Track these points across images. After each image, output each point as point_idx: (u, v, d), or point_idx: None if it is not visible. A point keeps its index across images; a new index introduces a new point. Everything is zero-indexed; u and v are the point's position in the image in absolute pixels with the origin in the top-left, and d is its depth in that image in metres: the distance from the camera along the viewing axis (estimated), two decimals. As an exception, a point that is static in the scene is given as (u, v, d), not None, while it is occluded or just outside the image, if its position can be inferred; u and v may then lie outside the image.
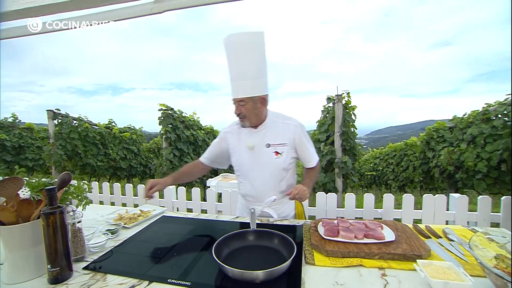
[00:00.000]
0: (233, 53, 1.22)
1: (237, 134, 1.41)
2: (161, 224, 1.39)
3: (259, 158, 1.36)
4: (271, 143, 1.34)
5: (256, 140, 1.35)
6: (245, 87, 1.23)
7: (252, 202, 1.47)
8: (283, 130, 1.36)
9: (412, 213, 2.08)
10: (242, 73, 1.22)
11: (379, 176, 7.85)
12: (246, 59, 1.21)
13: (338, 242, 1.02)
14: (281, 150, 1.35)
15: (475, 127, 3.41)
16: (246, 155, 1.38)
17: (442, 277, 0.75)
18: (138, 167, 6.54)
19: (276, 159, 1.34)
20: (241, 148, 1.39)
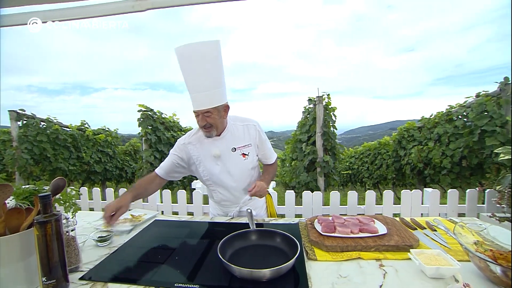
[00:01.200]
0: (190, 65, 1.17)
1: (199, 144, 1.36)
2: (156, 229, 1.35)
3: (228, 164, 1.36)
4: (236, 146, 1.36)
5: (221, 147, 1.35)
6: (208, 98, 1.19)
7: (228, 205, 1.49)
8: (244, 132, 1.39)
9: (392, 208, 2.22)
10: (203, 84, 1.17)
11: (354, 174, 8.21)
12: (205, 70, 1.16)
13: (336, 237, 1.07)
14: (247, 151, 1.39)
15: (440, 127, 3.72)
16: (214, 163, 1.36)
17: (434, 263, 0.82)
18: (114, 170, 6.21)
19: (245, 160, 1.38)
20: (207, 158, 1.36)
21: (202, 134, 1.35)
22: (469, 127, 3.31)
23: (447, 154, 3.57)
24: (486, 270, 0.79)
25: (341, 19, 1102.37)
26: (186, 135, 1.43)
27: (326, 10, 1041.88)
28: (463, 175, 3.55)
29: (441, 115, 3.87)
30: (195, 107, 1.23)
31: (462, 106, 3.54)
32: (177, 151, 1.40)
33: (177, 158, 1.38)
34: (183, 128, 5.76)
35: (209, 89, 1.18)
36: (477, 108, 3.18)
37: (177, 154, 1.39)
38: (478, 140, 3.12)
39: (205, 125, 1.25)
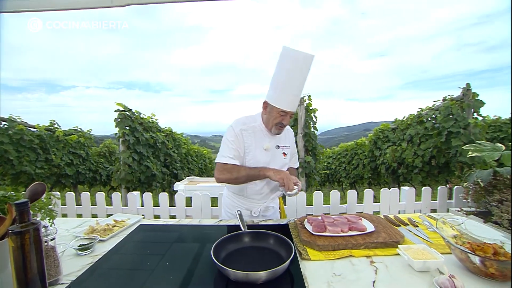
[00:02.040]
0: (292, 67, 1.26)
1: (253, 133, 1.42)
2: (142, 234, 1.28)
3: (272, 158, 1.45)
4: (280, 145, 1.48)
5: (271, 142, 1.44)
6: (296, 102, 1.33)
7: (257, 200, 1.51)
8: (286, 135, 1.53)
9: (372, 206, 2.31)
10: (297, 88, 1.30)
11: (332, 174, 8.48)
12: (300, 77, 1.28)
13: (327, 236, 1.09)
14: (287, 152, 1.51)
15: (412, 128, 3.96)
16: (262, 155, 1.42)
17: (421, 258, 0.87)
18: (87, 173, 5.85)
19: (284, 159, 1.49)
20: (257, 148, 1.41)
21: (256, 126, 1.42)
22: (437, 129, 3.56)
23: (418, 154, 3.81)
24: (466, 261, 0.84)
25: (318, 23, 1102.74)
26: (240, 122, 1.43)
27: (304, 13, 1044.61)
28: (432, 173, 3.80)
29: (412, 117, 4.12)
30: (288, 108, 1.32)
31: (431, 109, 3.79)
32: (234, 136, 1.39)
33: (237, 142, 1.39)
34: (163, 129, 5.59)
35: (298, 94, 1.32)
36: (444, 111, 3.43)
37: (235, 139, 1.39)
38: (445, 141, 3.37)
39: (285, 125, 1.38)
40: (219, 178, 1.37)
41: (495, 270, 0.78)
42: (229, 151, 1.38)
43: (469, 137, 3.14)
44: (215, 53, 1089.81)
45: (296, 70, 1.27)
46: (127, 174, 3.98)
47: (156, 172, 4.75)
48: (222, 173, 1.36)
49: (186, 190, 2.96)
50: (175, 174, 5.80)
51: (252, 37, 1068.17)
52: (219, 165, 1.38)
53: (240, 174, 1.34)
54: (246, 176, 1.35)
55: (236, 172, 1.34)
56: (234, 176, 1.34)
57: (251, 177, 1.35)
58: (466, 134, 3.15)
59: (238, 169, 1.35)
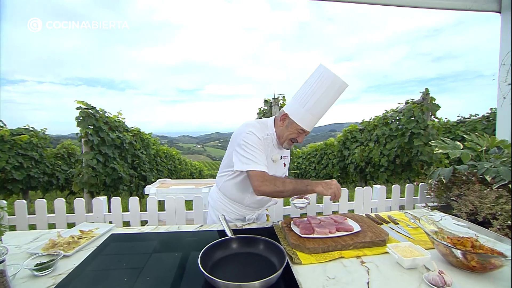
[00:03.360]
0: (325, 90, 1.21)
1: (266, 143, 1.36)
2: (114, 245, 1.15)
3: (276, 168, 1.42)
4: (283, 155, 1.46)
5: (277, 154, 1.41)
6: (315, 123, 1.29)
7: (253, 208, 1.47)
8: None
9: (347, 205, 2.38)
10: (321, 111, 1.26)
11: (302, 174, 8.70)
12: (328, 101, 1.24)
13: (316, 238, 1.07)
14: (287, 162, 1.50)
15: (379, 129, 4.20)
16: (270, 166, 1.35)
17: (410, 255, 0.89)
18: (41, 177, 5.22)
19: (284, 169, 1.49)
20: (268, 158, 1.35)
21: (270, 135, 1.35)
22: (401, 130, 3.82)
23: (384, 153, 4.05)
24: (449, 256, 0.88)
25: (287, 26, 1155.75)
26: (259, 129, 1.32)
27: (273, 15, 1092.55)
28: (396, 171, 4.08)
29: (379, 119, 4.38)
30: (309, 128, 1.29)
31: (395, 111, 4.07)
32: (257, 144, 1.28)
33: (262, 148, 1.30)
34: (130, 129, 5.22)
35: (320, 117, 1.28)
36: (407, 113, 3.70)
37: (260, 145, 1.29)
38: (408, 141, 3.63)
39: (299, 142, 1.36)
40: (262, 190, 1.19)
41: (476, 263, 0.82)
42: (262, 158, 1.25)
43: (428, 138, 3.42)
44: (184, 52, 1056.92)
45: (329, 94, 1.22)
46: (90, 177, 3.62)
47: (123, 175, 4.42)
48: (265, 184, 1.18)
49: (158, 194, 2.77)
50: (144, 176, 5.46)
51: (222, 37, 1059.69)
52: (260, 174, 1.20)
53: (286, 187, 1.19)
54: (292, 190, 1.20)
55: (282, 185, 1.19)
56: (280, 189, 1.18)
57: (297, 191, 1.23)
58: (426, 134, 3.43)
59: (283, 182, 1.21)
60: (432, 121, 3.59)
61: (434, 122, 3.61)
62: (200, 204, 2.32)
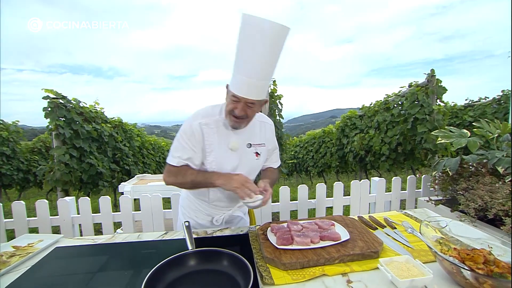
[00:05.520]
0: (254, 42, 0.97)
1: (216, 128, 1.18)
2: (54, 262, 1.00)
3: (241, 160, 1.22)
4: (252, 143, 1.25)
5: (239, 140, 1.21)
6: (260, 88, 1.05)
7: (220, 208, 1.31)
8: (261, 130, 1.29)
9: (342, 200, 2.25)
10: (261, 71, 1.01)
11: (299, 163, 8.59)
12: (267, 57, 1.00)
13: (294, 250, 0.92)
14: (260, 151, 1.27)
15: (379, 115, 4.04)
16: (227, 156, 1.19)
17: (406, 274, 0.75)
18: (15, 174, 5.06)
19: (257, 160, 1.26)
20: (221, 148, 1.19)
21: (221, 119, 1.18)
22: (403, 115, 3.66)
23: (385, 141, 3.91)
24: (457, 275, 0.74)
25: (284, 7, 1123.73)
26: (200, 114, 1.19)
27: None
28: (398, 160, 3.95)
29: (380, 104, 4.20)
30: (242, 93, 1.04)
31: (398, 96, 3.89)
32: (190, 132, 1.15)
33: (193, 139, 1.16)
34: (109, 120, 5.01)
35: (264, 79, 1.04)
36: (410, 98, 3.52)
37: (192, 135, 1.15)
38: (411, 128, 3.48)
39: (242, 116, 1.10)
40: (166, 181, 1.21)
41: (490, 287, 0.67)
42: (180, 150, 1.17)
43: (433, 124, 3.26)
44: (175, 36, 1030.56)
45: (259, 45, 0.97)
46: (63, 174, 3.46)
47: (103, 170, 4.25)
48: (168, 175, 1.19)
49: (133, 191, 2.62)
50: (128, 170, 5.30)
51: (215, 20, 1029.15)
52: (167, 166, 1.20)
53: (186, 179, 1.14)
54: (191, 183, 1.15)
55: (182, 177, 1.15)
56: (180, 180, 1.16)
57: (198, 184, 1.15)
58: (431, 120, 3.27)
59: (185, 173, 1.15)
60: (438, 106, 3.43)
61: (440, 106, 3.45)
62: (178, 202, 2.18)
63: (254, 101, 1.06)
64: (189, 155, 1.16)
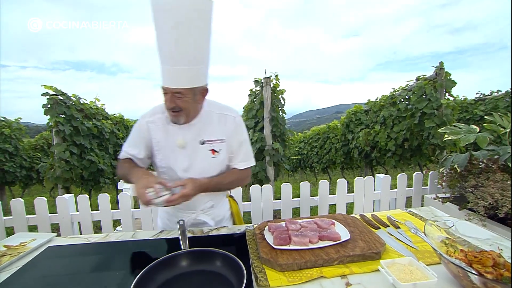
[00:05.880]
0: (169, 23, 0.87)
1: (163, 126, 1.13)
2: (46, 262, 0.98)
3: (193, 158, 1.13)
4: (206, 139, 1.13)
5: (188, 136, 1.12)
6: (185, 76, 0.95)
7: (182, 210, 1.24)
8: (220, 123, 1.15)
9: (345, 197, 2.21)
10: (183, 56, 0.92)
11: (304, 159, 8.53)
12: (189, 37, 0.90)
13: (291, 251, 0.89)
14: (218, 148, 1.15)
15: (385, 110, 3.96)
16: (176, 155, 1.13)
17: (409, 278, 0.71)
18: (18, 171, 5.12)
19: (213, 158, 1.15)
20: (169, 146, 1.13)
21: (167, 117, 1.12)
22: (410, 110, 3.58)
23: (391, 136, 3.84)
24: (464, 279, 0.70)
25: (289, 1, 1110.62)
26: (150, 111, 1.17)
27: None
28: (405, 156, 3.87)
29: (386, 98, 4.12)
30: (165, 83, 0.98)
31: (404, 90, 3.80)
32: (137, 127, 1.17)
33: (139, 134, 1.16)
34: (110, 116, 5.02)
35: (189, 64, 0.94)
36: (417, 92, 3.44)
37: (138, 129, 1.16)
38: (418, 123, 3.40)
39: (173, 108, 1.02)
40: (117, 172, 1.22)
41: (499, 292, 0.63)
42: (127, 145, 1.19)
43: (442, 118, 3.18)
44: None
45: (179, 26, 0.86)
46: (64, 172, 3.48)
47: (104, 167, 4.27)
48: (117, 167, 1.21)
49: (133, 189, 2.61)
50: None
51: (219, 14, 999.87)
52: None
53: (122, 172, 1.14)
54: (123, 177, 1.13)
55: (120, 169, 1.16)
56: (119, 173, 1.16)
57: (128, 180, 1.10)
58: (439, 115, 3.19)
59: (122, 166, 1.15)
60: (447, 100, 3.34)
61: (449, 100, 3.36)
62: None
63: (181, 91, 0.97)
64: (134, 151, 1.16)
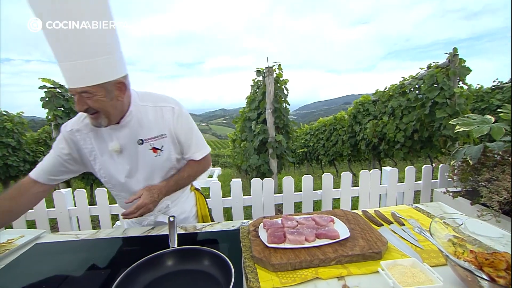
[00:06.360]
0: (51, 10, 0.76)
1: (92, 132, 1.03)
2: (32, 259, 0.97)
3: (133, 162, 1.05)
4: (144, 137, 1.04)
5: (123, 138, 1.02)
6: (85, 71, 0.82)
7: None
8: (157, 117, 1.05)
9: (350, 191, 2.15)
10: (74, 45, 0.79)
11: (310, 152, 8.44)
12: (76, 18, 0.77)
13: (286, 249, 0.85)
14: (160, 145, 1.06)
15: (394, 100, 3.84)
16: (114, 161, 1.05)
17: (411, 281, 0.66)
18: (22, 165, 5.20)
19: (157, 157, 1.06)
20: (104, 152, 1.04)
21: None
22: (421, 100, 3.45)
23: (400, 128, 3.73)
24: (472, 284, 0.64)
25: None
26: (74, 120, 1.06)
27: None
28: (414, 148, 3.77)
29: (395, 88, 3.99)
30: (67, 83, 0.87)
31: (415, 78, 3.67)
32: (62, 141, 1.04)
33: (64, 149, 1.03)
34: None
35: (88, 56, 0.81)
36: (428, 80, 3.31)
37: (63, 144, 1.04)
38: (429, 113, 3.28)
39: (86, 110, 0.90)
40: None
41: (513, 298, 0.58)
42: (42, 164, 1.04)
43: (454, 108, 3.06)
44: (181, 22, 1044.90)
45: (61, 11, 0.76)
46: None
47: (105, 161, 4.29)
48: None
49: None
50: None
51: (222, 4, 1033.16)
52: None
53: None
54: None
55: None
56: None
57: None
58: (452, 104, 3.07)
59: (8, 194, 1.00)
60: (460, 88, 3.21)
61: (463, 89, 3.22)
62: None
63: (86, 89, 0.84)
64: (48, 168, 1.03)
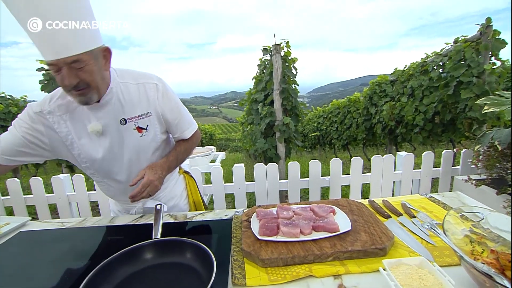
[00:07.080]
0: None
1: (67, 114, 0.95)
2: (15, 248, 0.96)
3: (117, 143, 0.99)
4: (128, 117, 0.98)
5: (104, 118, 0.95)
6: (72, 35, 0.75)
7: (126, 201, 1.14)
8: (140, 95, 0.99)
9: (361, 177, 2.06)
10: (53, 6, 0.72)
11: (323, 135, 8.27)
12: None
13: (278, 243, 0.79)
14: (145, 124, 1.00)
15: (414, 79, 3.62)
16: (95, 144, 0.97)
17: (417, 284, 0.58)
18: (29, 149, 5.34)
19: (142, 137, 1.01)
20: (83, 135, 0.97)
21: (70, 100, 0.93)
22: (444, 79, 3.23)
23: (420, 110, 3.54)
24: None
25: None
26: (41, 101, 0.96)
27: None
28: (434, 132, 3.58)
29: (415, 67, 3.76)
30: (51, 56, 0.76)
31: (439, 55, 3.42)
32: (27, 121, 0.93)
33: (30, 130, 0.93)
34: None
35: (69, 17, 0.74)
36: (454, 56, 3.07)
37: (30, 124, 0.93)
38: (453, 93, 3.07)
39: (78, 85, 0.82)
40: None
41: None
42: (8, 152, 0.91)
43: (483, 88, 2.84)
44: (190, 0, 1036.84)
45: None
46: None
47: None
48: None
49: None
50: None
51: None
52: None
53: None
54: None
55: None
56: None
57: None
58: (480, 83, 2.85)
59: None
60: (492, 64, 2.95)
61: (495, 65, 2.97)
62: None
63: (78, 57, 0.77)
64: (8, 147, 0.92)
